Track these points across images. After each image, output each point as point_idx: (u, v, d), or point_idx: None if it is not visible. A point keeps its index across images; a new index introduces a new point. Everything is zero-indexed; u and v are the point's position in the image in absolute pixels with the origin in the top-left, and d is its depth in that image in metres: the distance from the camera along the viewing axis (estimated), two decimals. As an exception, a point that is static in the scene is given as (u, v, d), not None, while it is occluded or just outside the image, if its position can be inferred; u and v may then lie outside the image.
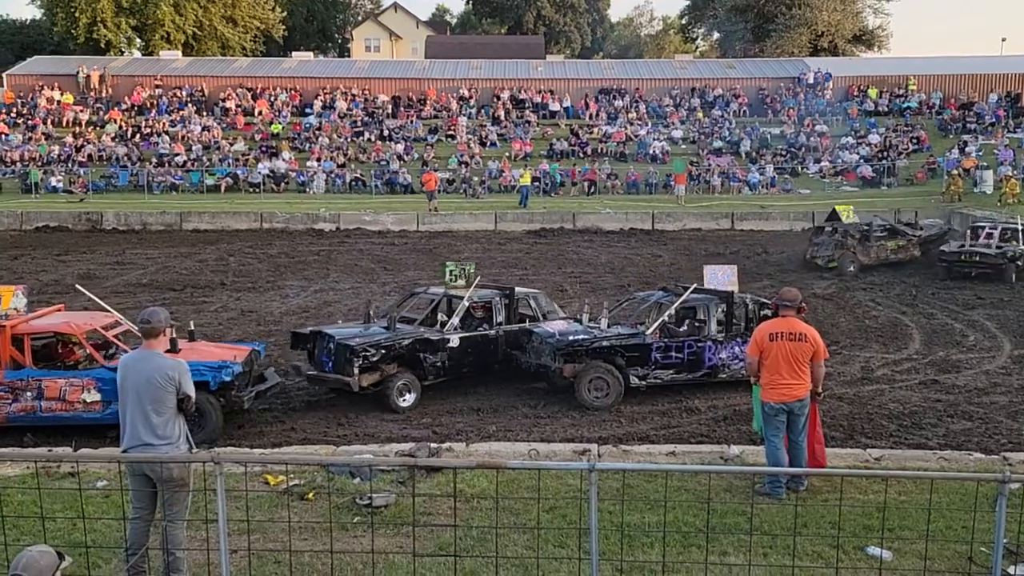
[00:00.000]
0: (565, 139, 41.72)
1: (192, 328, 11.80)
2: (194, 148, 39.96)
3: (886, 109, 45.04)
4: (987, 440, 10.17)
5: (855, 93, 46.19)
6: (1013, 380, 12.84)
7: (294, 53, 54.50)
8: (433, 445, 9.18)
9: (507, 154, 39.97)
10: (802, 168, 39.20)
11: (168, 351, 10.35)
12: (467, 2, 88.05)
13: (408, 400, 11.87)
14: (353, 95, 46.24)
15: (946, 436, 10.37)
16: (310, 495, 7.81)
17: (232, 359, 10.76)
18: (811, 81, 46.68)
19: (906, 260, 22.71)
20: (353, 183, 37.25)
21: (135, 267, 23.53)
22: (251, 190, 36.30)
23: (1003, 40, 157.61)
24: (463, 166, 38.61)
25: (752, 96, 46.65)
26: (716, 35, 79.58)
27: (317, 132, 42.06)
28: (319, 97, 45.77)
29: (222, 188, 36.31)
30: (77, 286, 13.34)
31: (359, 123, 43.63)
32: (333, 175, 37.74)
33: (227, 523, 5.58)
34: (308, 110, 44.83)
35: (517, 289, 13.43)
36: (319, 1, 72.52)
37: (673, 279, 17.66)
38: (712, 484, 7.91)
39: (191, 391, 6.24)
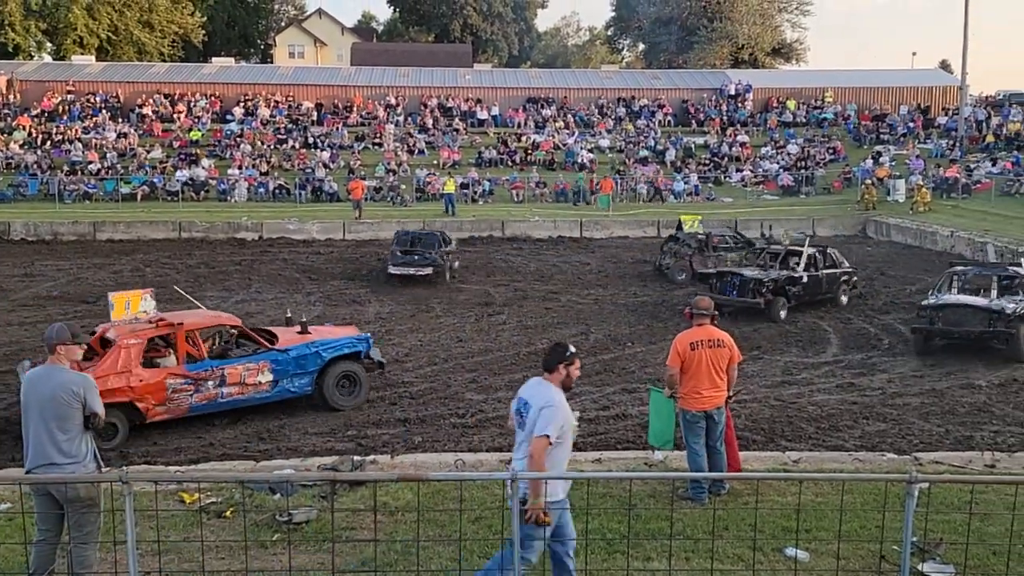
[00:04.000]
0: (493, 147, 41.78)
1: (303, 319, 13.09)
2: (108, 156, 38.67)
3: (804, 120, 46.34)
4: (900, 441, 10.47)
5: (774, 104, 47.41)
6: (925, 383, 13.27)
7: (214, 59, 53.33)
8: (357, 458, 9.03)
9: (435, 162, 39.83)
10: (725, 177, 40.00)
11: (300, 332, 12.30)
12: (393, 9, 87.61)
13: (783, 315, 17.67)
14: (276, 102, 45.45)
15: (862, 438, 10.65)
16: (228, 512, 7.59)
17: (356, 335, 12.72)
18: (732, 92, 47.77)
19: None
20: (277, 191, 36.55)
21: (45, 279, 22.66)
22: (169, 199, 35.29)
23: (914, 55, 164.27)
24: (390, 174, 38.30)
25: (676, 106, 47.48)
26: (641, 46, 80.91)
27: (239, 139, 41.20)
28: (240, 103, 44.87)
29: (138, 197, 35.14)
30: (175, 287, 13.45)
31: (283, 130, 42.90)
32: (256, 183, 36.99)
33: (139, 544, 5.37)
34: (229, 117, 43.88)
35: (828, 248, 20.00)
36: (240, 6, 71.10)
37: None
38: (636, 490, 7.95)
39: (99, 408, 6.00)
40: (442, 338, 16.47)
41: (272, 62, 70.11)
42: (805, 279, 18.35)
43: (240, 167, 38.15)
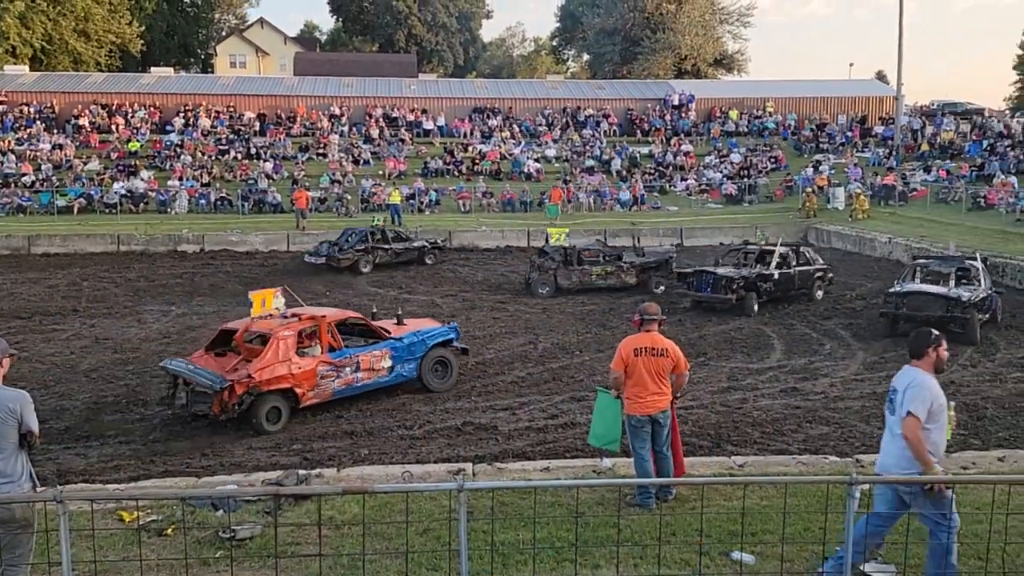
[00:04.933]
0: (440, 157, 41.71)
1: (399, 312, 14.94)
2: (43, 168, 37.68)
3: (746, 129, 47.19)
4: (842, 444, 10.65)
5: (717, 114, 48.19)
6: (865, 386, 13.53)
7: (153, 69, 52.39)
8: (302, 472, 8.89)
9: (381, 172, 39.61)
10: (670, 186, 40.46)
11: (396, 323, 13.88)
12: (336, 19, 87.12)
13: (755, 309, 19.14)
14: (217, 112, 44.80)
15: (805, 441, 10.81)
16: (169, 530, 7.40)
17: (446, 325, 14.35)
18: (676, 102, 48.44)
19: (618, 286, 22.20)
20: (218, 203, 35.98)
21: (-22, 294, 21.95)
22: (107, 211, 34.49)
23: (851, 65, 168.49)
24: (335, 184, 37.97)
25: (621, 116, 47.97)
26: (586, 57, 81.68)
27: (179, 150, 40.49)
28: (181, 114, 44.14)
29: (75, 209, 34.30)
30: (285, 287, 13.69)
31: (224, 141, 42.30)
32: (197, 195, 36.34)
33: (75, 565, 5.20)
34: (169, 127, 43.14)
35: (801, 247, 21.98)
36: (180, 16, 69.96)
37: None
38: (585, 498, 7.95)
39: (34, 425, 5.80)
40: (389, 349, 16.31)
41: (213, 72, 69.16)
42: (776, 276, 19.86)
43: (181, 178, 37.48)
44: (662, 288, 22.03)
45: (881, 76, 72.60)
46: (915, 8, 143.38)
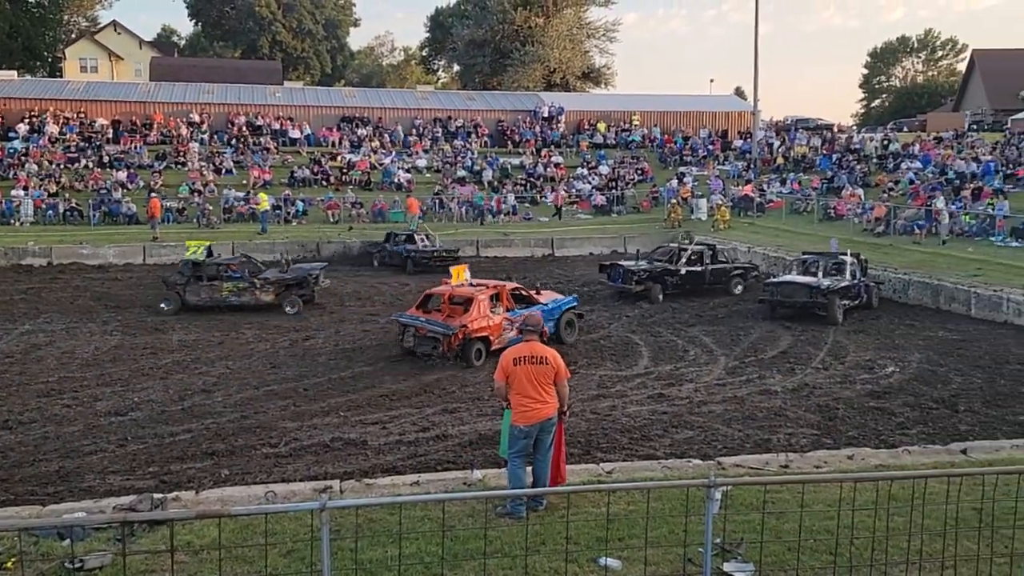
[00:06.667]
0: (306, 167, 40.82)
1: (538, 285, 19.14)
2: None
3: (614, 142, 48.39)
4: (706, 447, 10.99)
5: (586, 127, 49.23)
6: (727, 390, 14.04)
7: (-7, 72, 49.09)
8: (157, 496, 8.42)
9: (244, 182, 38.39)
10: (541, 197, 40.97)
11: (535, 292, 18.02)
12: (196, 24, 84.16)
13: (659, 298, 22.19)
14: (67, 118, 42.42)
15: (671, 446, 11.09)
16: (9, 564, 6.85)
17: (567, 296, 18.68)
18: (546, 114, 49.19)
19: (253, 304, 21.12)
20: (68, 213, 34.00)
21: None
22: (-57, 223, 32.08)
23: (711, 81, 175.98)
24: (195, 194, 36.54)
25: (492, 127, 48.31)
26: (456, 67, 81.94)
27: (23, 158, 38.03)
28: (25, 120, 41.53)
29: (-95, 221, 31.77)
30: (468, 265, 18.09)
31: (74, 148, 40.05)
32: (44, 205, 34.19)
33: None
34: (12, 134, 40.50)
35: (717, 246, 25.48)
36: (24, 16, 65.56)
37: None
38: (455, 511, 7.85)
39: None
40: (254, 364, 15.81)
41: (62, 76, 65.36)
42: (683, 272, 22.90)
43: (26, 188, 35.21)
44: (295, 309, 21.02)
45: (739, 92, 76.04)
46: (770, 29, 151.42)
